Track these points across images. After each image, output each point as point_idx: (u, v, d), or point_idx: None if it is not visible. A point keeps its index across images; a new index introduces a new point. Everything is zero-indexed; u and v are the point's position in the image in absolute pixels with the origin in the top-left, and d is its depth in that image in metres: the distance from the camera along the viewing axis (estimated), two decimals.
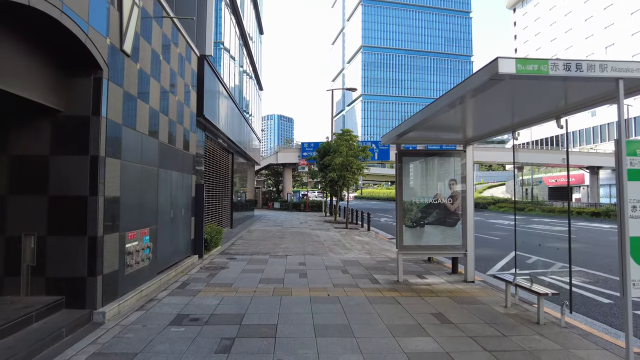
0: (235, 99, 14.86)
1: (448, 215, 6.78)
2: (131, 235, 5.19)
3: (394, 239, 14.30)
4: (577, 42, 53.35)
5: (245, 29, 16.92)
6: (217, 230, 9.75)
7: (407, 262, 8.54)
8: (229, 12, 14.28)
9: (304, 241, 11.87)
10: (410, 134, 6.52)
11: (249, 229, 15.37)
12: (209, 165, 11.72)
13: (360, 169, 16.59)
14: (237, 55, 16.16)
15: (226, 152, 14.66)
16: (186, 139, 7.86)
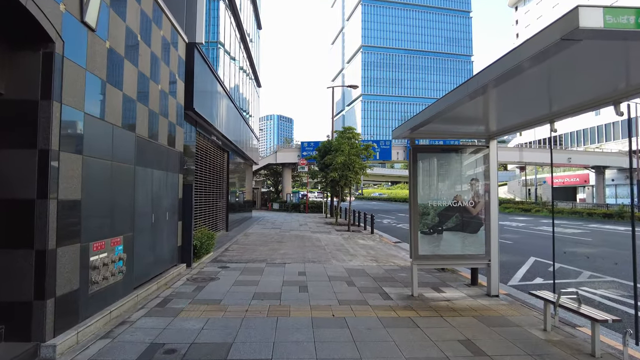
0: (231, 94, 14.00)
1: (469, 220, 5.93)
2: (98, 245, 4.33)
3: (400, 242, 13.47)
4: None
5: (241, 21, 16.06)
6: (209, 235, 8.89)
7: (420, 271, 7.68)
8: (224, 2, 13.44)
9: (304, 246, 11.01)
10: (426, 127, 5.68)
11: (246, 232, 14.51)
12: (201, 164, 10.86)
13: (363, 169, 15.74)
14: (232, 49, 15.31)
15: (221, 151, 13.80)
16: (171, 133, 7.00)
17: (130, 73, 5.23)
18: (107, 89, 4.56)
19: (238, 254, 9.37)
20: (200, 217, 10.87)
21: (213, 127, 10.85)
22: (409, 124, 5.74)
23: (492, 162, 6.01)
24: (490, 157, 6.01)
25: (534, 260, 9.60)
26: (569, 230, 17.12)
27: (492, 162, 6.01)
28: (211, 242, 8.90)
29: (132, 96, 5.26)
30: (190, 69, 8.44)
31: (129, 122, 5.15)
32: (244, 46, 17.22)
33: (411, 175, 5.91)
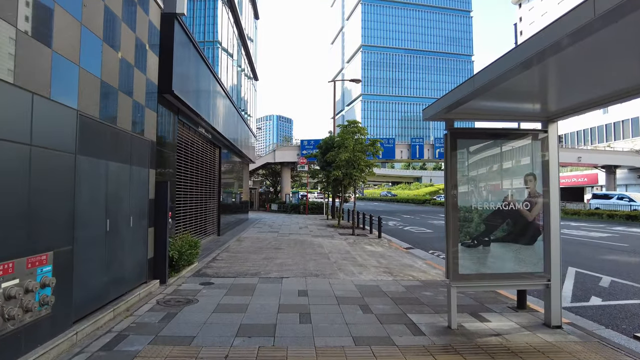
0: (224, 83, 12.57)
1: (524, 227, 4.50)
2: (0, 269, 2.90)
3: (412, 248, 12.05)
4: None
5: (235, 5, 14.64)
6: (192, 243, 7.45)
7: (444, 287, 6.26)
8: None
9: (304, 254, 9.57)
10: (467, 106, 4.26)
11: (240, 236, 13.05)
12: (185, 159, 9.42)
13: (369, 167, 14.31)
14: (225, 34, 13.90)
15: (212, 146, 12.36)
16: (138, 117, 5.57)
17: (69, 27, 3.80)
18: (19, 40, 3.13)
19: (227, 265, 7.92)
20: (185, 221, 9.43)
21: (200, 117, 9.41)
22: (446, 100, 4.32)
23: (552, 151, 4.58)
24: (549, 144, 4.59)
25: (574, 272, 8.17)
26: (595, 234, 15.70)
27: (552, 151, 4.58)
28: (194, 252, 7.46)
29: (71, 58, 3.82)
30: (168, 44, 7.01)
31: (63, 93, 3.71)
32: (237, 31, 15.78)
33: (448, 169, 4.49)
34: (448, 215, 4.46)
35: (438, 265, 8.94)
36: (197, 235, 10.64)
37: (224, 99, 12.53)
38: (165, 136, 7.54)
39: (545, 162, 4.56)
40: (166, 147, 7.50)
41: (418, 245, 12.43)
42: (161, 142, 7.24)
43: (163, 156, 7.33)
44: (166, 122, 7.57)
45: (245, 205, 20.87)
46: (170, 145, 7.79)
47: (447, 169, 4.52)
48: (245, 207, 20.55)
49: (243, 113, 18.00)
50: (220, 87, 11.75)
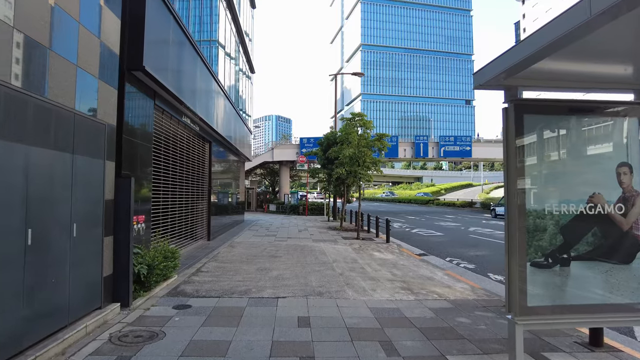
0: (214, 70, 11.24)
1: (617, 239, 3.19)
2: None
3: (426, 255, 10.73)
4: None
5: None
6: (168, 253, 6.13)
7: (487, 311, 4.95)
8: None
9: (305, 263, 8.24)
10: (535, 68, 2.96)
11: (232, 241, 11.71)
12: (167, 153, 8.09)
13: (375, 164, 12.99)
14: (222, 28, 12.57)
15: (200, 140, 11.03)
16: (88, 92, 4.24)
17: None
18: None
19: (212, 279, 6.59)
20: (165, 226, 8.09)
21: (184, 104, 8.09)
22: (507, 59, 3.02)
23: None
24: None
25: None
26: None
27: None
28: (171, 264, 6.12)
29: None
30: (138, 9, 5.70)
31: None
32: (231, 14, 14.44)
33: (510, 155, 3.17)
34: (511, 222, 3.14)
35: (461, 276, 7.64)
36: (182, 241, 9.31)
37: (215, 88, 11.21)
38: (137, 123, 6.22)
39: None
40: (137, 136, 6.17)
41: (431, 251, 11.13)
42: (130, 130, 5.92)
43: (133, 147, 6.01)
44: (138, 106, 6.24)
45: (240, 206, 19.53)
46: (144, 135, 6.47)
47: (507, 155, 3.20)
48: (240, 208, 19.21)
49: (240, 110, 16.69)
50: (210, 74, 10.43)
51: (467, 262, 9.49)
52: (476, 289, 6.58)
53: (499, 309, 5.23)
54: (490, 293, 6.29)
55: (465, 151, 32.01)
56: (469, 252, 10.93)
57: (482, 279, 7.64)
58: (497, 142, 35.04)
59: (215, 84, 11.16)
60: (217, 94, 11.43)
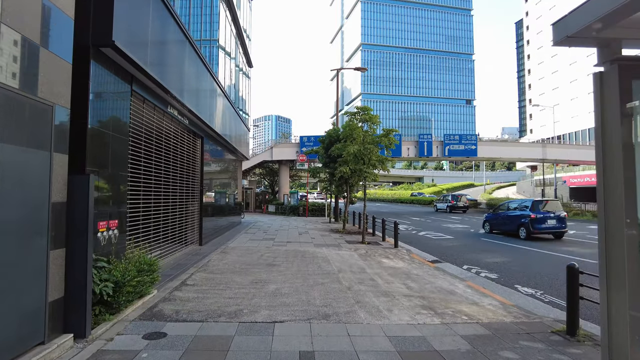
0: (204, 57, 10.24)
1: None
2: None
3: (440, 262, 9.73)
4: None
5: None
6: (144, 264, 5.12)
7: (526, 336, 3.96)
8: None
9: (306, 273, 7.24)
10: None
11: (226, 246, 10.70)
12: (148, 148, 7.09)
13: (382, 162, 11.97)
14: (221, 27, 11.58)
15: (191, 135, 10.02)
16: (22, 62, 3.24)
17: None
18: None
19: (198, 295, 5.58)
20: (146, 231, 7.08)
21: (169, 92, 7.08)
22: (605, 3, 2.01)
23: None
24: None
25: None
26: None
27: None
28: (148, 278, 5.12)
29: None
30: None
31: None
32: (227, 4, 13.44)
33: (612, 141, 2.17)
34: (613, 237, 2.14)
35: (486, 289, 6.65)
36: (168, 247, 8.30)
37: (207, 78, 10.21)
38: (108, 111, 5.22)
39: None
40: (108, 126, 5.18)
41: (445, 257, 10.14)
42: (99, 118, 4.93)
43: (102, 139, 5.02)
44: (109, 90, 5.24)
45: (237, 208, 18.53)
46: (118, 125, 5.47)
47: (604, 142, 2.20)
48: (237, 210, 18.20)
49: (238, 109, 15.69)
50: (201, 61, 9.43)
51: (487, 270, 8.50)
52: (508, 306, 5.59)
53: (547, 336, 4.24)
54: (527, 312, 5.30)
55: (470, 150, 30.99)
56: (486, 259, 9.93)
57: (511, 292, 6.65)
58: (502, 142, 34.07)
59: (207, 74, 10.17)
60: (209, 84, 10.43)
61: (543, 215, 13.71)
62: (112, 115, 5.36)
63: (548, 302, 6.04)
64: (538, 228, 13.54)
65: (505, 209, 15.69)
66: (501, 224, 15.40)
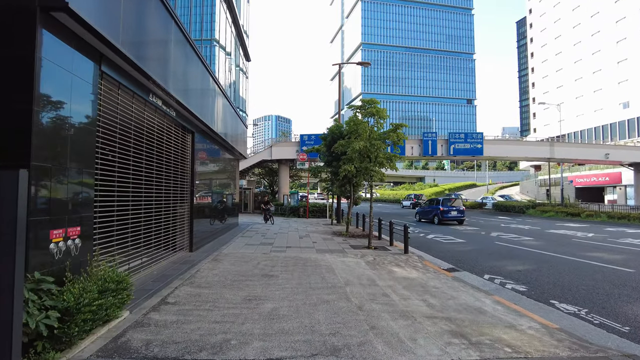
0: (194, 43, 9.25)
1: None
2: None
3: (457, 270, 8.75)
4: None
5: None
6: (110, 282, 4.15)
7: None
8: None
9: (308, 287, 6.25)
10: None
11: (219, 253, 9.72)
12: (124, 140, 6.10)
13: (390, 159, 10.98)
14: None
15: (179, 129, 9.05)
16: None
17: None
18: None
19: (177, 320, 4.59)
20: (123, 238, 6.09)
21: (149, 77, 6.11)
22: None
23: None
24: None
25: None
26: None
27: None
28: (114, 300, 4.14)
29: None
30: None
31: None
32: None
33: None
34: None
35: (518, 305, 5.70)
36: (152, 255, 7.32)
37: (199, 68, 9.24)
38: (64, 93, 4.24)
39: None
40: (66, 113, 4.21)
41: (461, 265, 9.18)
42: (50, 100, 3.96)
43: (57, 127, 4.06)
44: (65, 67, 4.26)
45: (234, 209, 17.54)
46: (79, 112, 4.50)
47: None
48: (234, 211, 17.21)
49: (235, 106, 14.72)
50: (190, 45, 8.44)
51: (513, 280, 7.53)
52: (554, 331, 4.61)
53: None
54: (580, 340, 4.32)
55: (476, 149, 29.97)
56: (507, 267, 8.96)
57: (548, 310, 5.68)
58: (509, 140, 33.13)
59: (199, 62, 9.19)
60: (201, 74, 9.45)
61: (448, 208, 20.69)
62: (73, 99, 4.38)
63: (599, 324, 5.06)
64: (446, 217, 20.46)
65: (427, 204, 23.03)
66: (425, 215, 22.26)
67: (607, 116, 47.15)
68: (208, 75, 10.10)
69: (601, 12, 48.78)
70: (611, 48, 47.03)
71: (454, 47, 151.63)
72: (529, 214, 26.29)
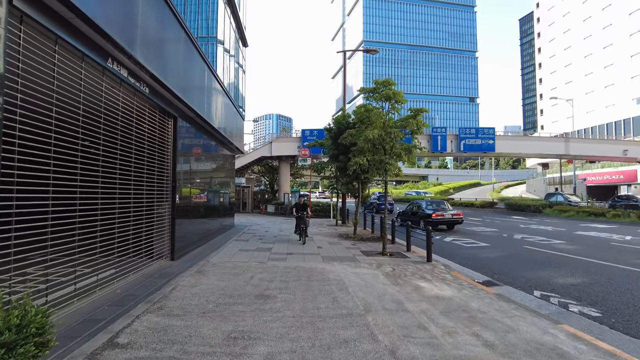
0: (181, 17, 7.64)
1: None
2: None
3: (493, 284, 7.12)
4: None
5: None
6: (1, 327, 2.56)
7: None
8: None
9: (316, 316, 4.66)
10: None
11: (206, 261, 8.13)
12: (64, 115, 4.51)
13: (409, 151, 9.37)
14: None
15: (156, 112, 7.45)
16: None
17: None
18: None
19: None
20: (67, 245, 4.50)
21: (105, 34, 4.52)
22: None
23: None
24: None
25: None
26: None
27: None
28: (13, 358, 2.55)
29: None
30: None
31: None
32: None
33: None
34: None
35: (604, 343, 4.11)
36: (116, 268, 5.73)
37: (181, 37, 7.63)
38: None
39: None
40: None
41: (498, 276, 7.60)
42: None
43: None
44: None
45: (230, 208, 15.96)
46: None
47: None
48: (229, 211, 15.62)
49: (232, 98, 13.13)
50: (170, 8, 6.84)
51: (573, 299, 5.95)
52: None
53: None
54: None
55: (487, 145, 28.33)
56: (556, 279, 7.36)
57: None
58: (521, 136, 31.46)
59: (180, 30, 7.57)
60: (183, 45, 7.83)
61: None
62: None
63: None
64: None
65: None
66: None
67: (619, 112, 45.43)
68: (194, 49, 8.50)
69: (613, 5, 47.00)
70: (624, 41, 45.29)
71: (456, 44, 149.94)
72: (545, 213, 24.65)
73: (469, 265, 8.79)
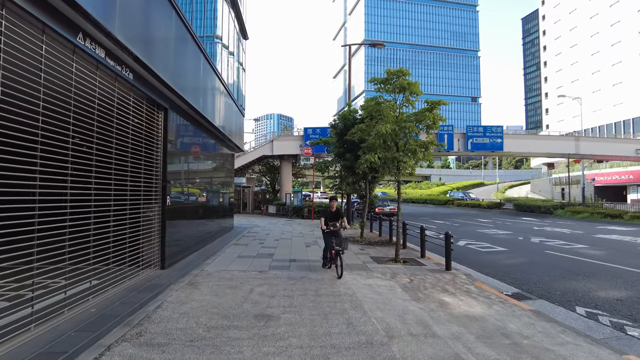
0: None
1: None
2: None
3: (525, 297, 6.21)
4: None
5: None
6: None
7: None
8: None
9: (328, 344, 3.81)
10: None
11: (200, 270, 7.28)
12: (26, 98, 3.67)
13: (426, 147, 8.50)
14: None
15: (143, 101, 6.61)
16: None
17: None
18: None
19: None
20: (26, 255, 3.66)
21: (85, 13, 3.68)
22: None
23: None
24: None
25: None
26: None
27: None
28: None
29: None
30: None
31: None
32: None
33: None
34: None
35: None
36: (94, 281, 4.88)
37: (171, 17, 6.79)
38: None
39: None
40: None
41: (527, 287, 6.74)
42: None
43: None
44: None
45: (229, 209, 15.12)
46: None
47: None
48: (227, 212, 14.77)
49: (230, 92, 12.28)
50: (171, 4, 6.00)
51: (626, 319, 5.11)
52: None
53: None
54: None
55: (496, 144, 27.45)
56: (595, 291, 6.51)
57: None
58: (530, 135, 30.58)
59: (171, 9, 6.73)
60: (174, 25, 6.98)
61: None
62: None
63: None
64: None
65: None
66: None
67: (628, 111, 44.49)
68: (187, 32, 7.65)
69: (621, 1, 46.05)
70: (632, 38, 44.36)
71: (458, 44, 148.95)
72: (557, 214, 23.76)
73: (491, 274, 7.93)
